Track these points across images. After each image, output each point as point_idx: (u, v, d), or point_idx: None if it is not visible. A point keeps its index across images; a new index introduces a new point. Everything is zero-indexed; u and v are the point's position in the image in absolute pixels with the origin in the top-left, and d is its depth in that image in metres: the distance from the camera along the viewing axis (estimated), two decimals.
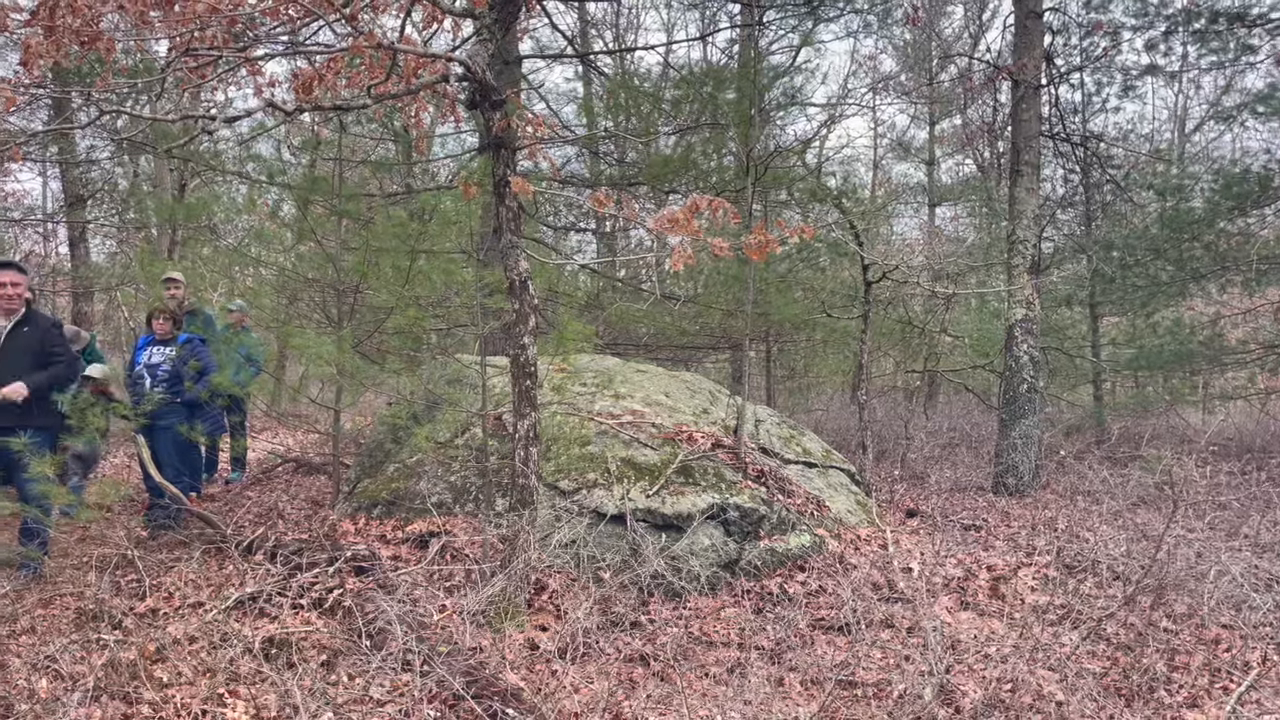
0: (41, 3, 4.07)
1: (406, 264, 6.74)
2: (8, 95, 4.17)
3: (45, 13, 4.04)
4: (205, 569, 5.76)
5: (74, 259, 13.68)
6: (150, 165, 14.87)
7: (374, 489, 6.78)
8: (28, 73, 4.06)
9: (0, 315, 6.11)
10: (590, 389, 7.11)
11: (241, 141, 9.70)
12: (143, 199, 15.69)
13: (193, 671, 4.22)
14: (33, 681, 4.08)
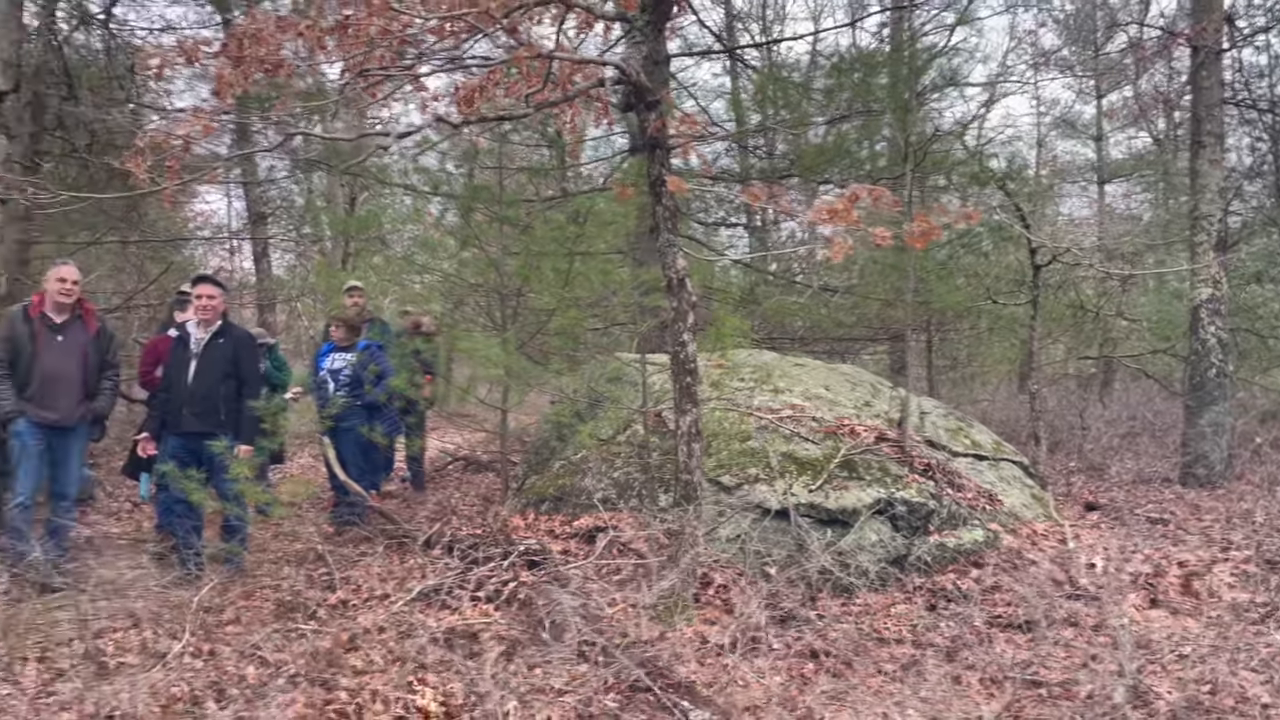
0: (231, 35, 4.36)
1: (566, 266, 6.90)
2: (205, 123, 4.51)
3: (234, 45, 4.34)
4: (388, 563, 6.06)
5: (258, 273, 14.67)
6: (323, 182, 15.77)
7: (541, 485, 6.98)
8: (220, 101, 4.37)
9: (199, 327, 6.62)
10: (748, 384, 7.11)
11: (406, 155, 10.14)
12: (317, 214, 16.65)
13: (384, 660, 4.46)
14: (241, 668, 4.39)
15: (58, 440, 6.50)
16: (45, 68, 8.69)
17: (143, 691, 4.04)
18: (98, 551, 7.12)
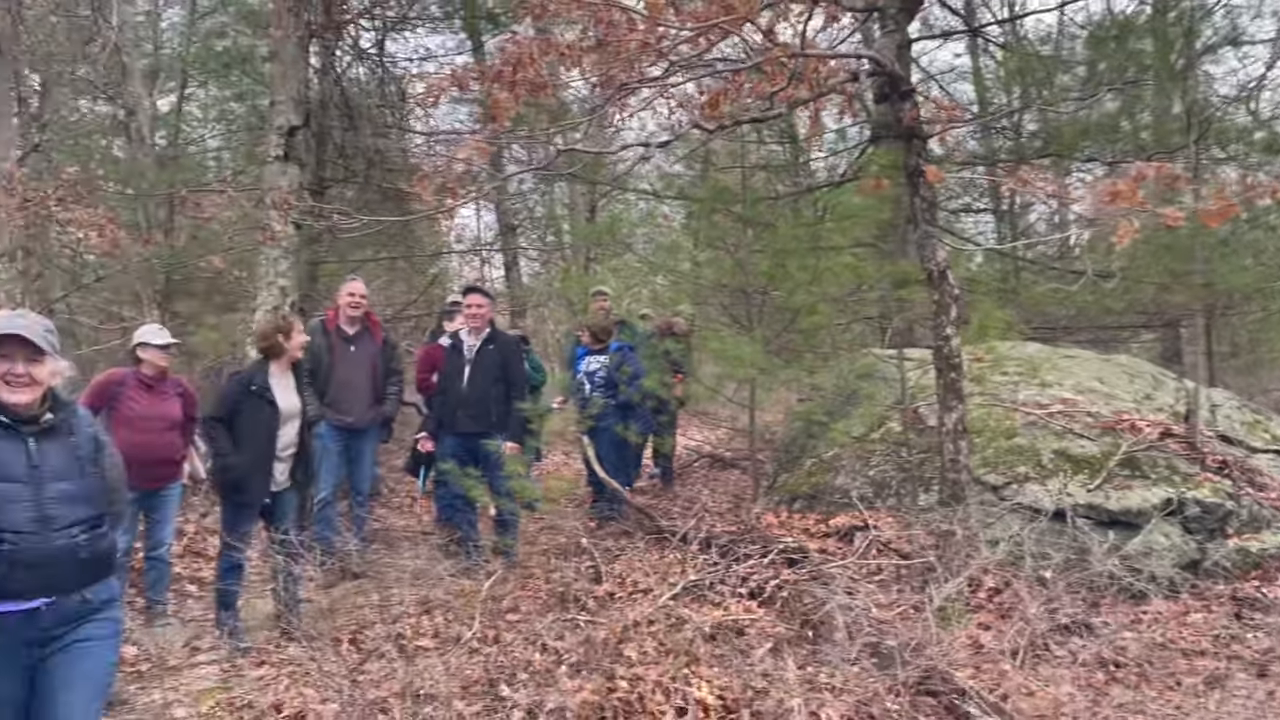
0: (504, 62, 4.65)
1: (812, 263, 6.86)
2: (481, 146, 4.83)
3: (508, 70, 4.61)
4: (649, 557, 6.24)
5: (509, 281, 15.53)
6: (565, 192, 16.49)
7: (793, 483, 6.97)
8: (498, 124, 4.66)
9: (469, 334, 7.09)
10: (1013, 378, 6.78)
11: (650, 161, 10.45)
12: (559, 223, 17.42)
13: (656, 651, 4.61)
14: (527, 654, 4.67)
15: (353, 441, 7.19)
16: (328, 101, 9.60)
17: (443, 673, 4.37)
18: (388, 542, 7.78)
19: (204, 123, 14.93)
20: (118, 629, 3.18)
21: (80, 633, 3.01)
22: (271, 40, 8.41)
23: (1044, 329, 9.09)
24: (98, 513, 3.05)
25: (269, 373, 5.65)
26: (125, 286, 10.50)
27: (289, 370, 5.74)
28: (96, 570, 3.05)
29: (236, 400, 5.54)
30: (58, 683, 2.95)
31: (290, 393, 5.70)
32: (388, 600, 5.80)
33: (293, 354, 5.73)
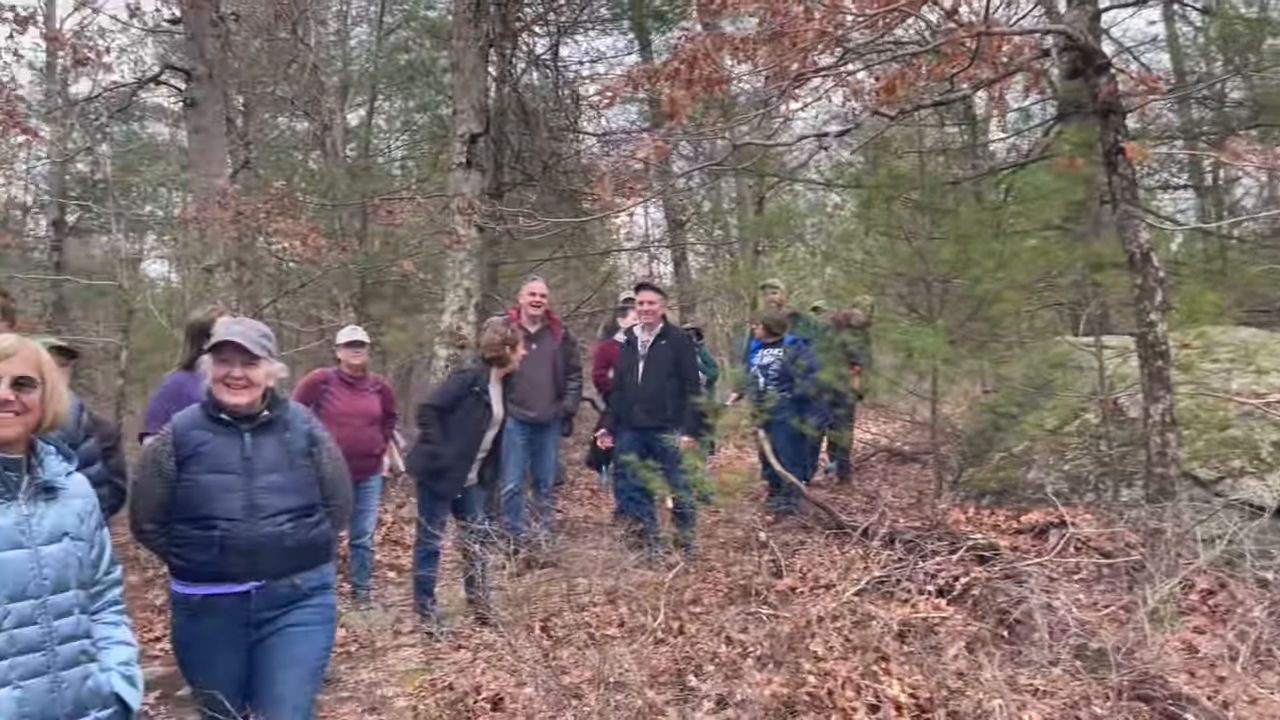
0: (680, 60, 4.69)
1: (998, 247, 6.59)
2: (659, 145, 4.89)
3: (685, 68, 4.65)
4: (829, 552, 6.16)
5: (677, 276, 15.66)
6: (731, 186, 16.48)
7: (981, 478, 6.73)
8: (675, 122, 4.70)
9: (643, 330, 7.20)
10: (1225, 365, 6.30)
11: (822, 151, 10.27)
12: (724, 217, 17.43)
13: (842, 647, 4.55)
14: (713, 646, 4.70)
15: (536, 435, 7.44)
16: (505, 108, 9.95)
17: (632, 662, 4.46)
18: (571, 533, 8.00)
19: (389, 134, 15.77)
20: (330, 615, 3.36)
21: (293, 617, 3.22)
22: (453, 51, 8.79)
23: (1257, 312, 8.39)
24: (307, 503, 3.25)
25: (489, 378, 5.97)
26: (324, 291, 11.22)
27: (501, 381, 6.02)
28: (304, 557, 3.24)
29: (458, 396, 5.88)
30: (274, 663, 3.17)
31: (500, 401, 6.00)
32: (574, 589, 5.98)
33: (513, 365, 6.02)
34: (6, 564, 2.33)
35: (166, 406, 4.84)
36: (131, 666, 2.61)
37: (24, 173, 15.80)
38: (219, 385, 3.17)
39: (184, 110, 9.51)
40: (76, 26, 14.63)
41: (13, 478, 2.40)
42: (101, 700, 2.50)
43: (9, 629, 2.31)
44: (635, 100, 10.60)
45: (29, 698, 2.32)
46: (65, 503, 2.49)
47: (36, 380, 2.42)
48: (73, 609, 2.45)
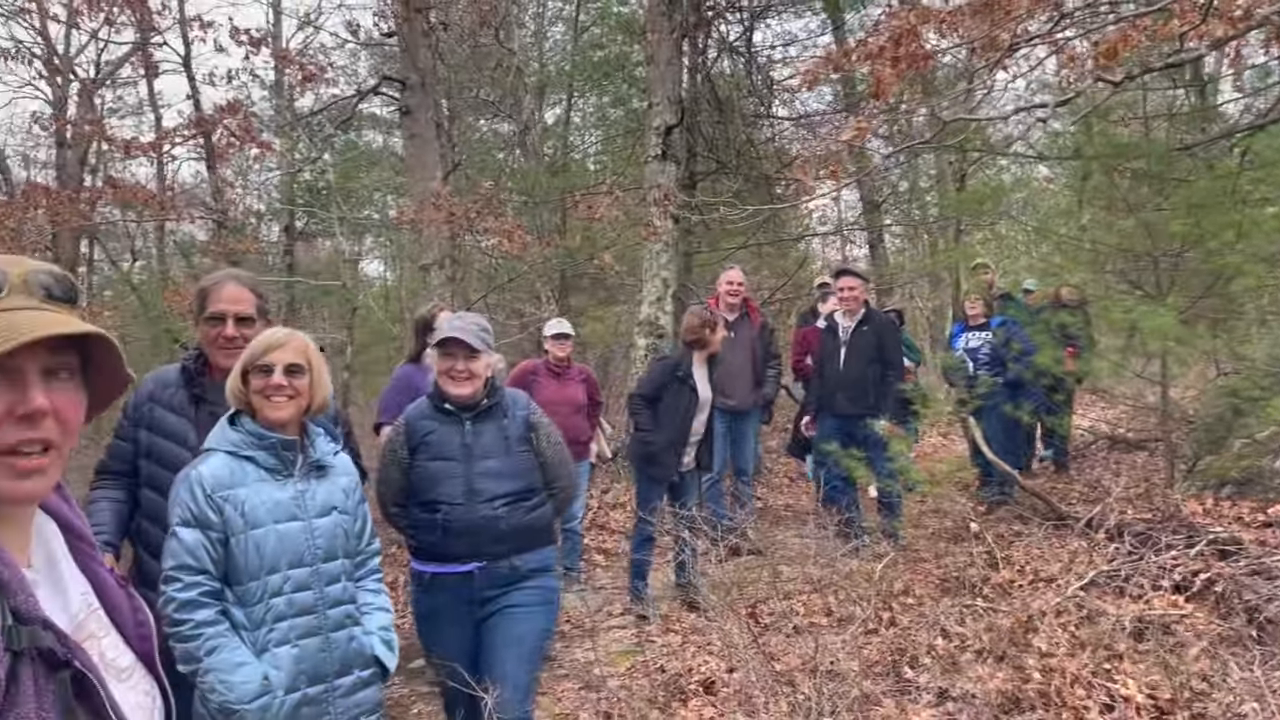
0: (886, 38, 4.57)
1: (1236, 217, 6.05)
2: (862, 126, 4.78)
3: (891, 45, 4.53)
4: (1049, 544, 5.87)
5: (874, 259, 15.28)
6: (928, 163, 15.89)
7: (1219, 466, 6.23)
8: (881, 101, 4.59)
9: (844, 315, 7.07)
10: None
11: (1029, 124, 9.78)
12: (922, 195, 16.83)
13: (1068, 644, 4.33)
14: (929, 638, 4.59)
15: (735, 423, 7.46)
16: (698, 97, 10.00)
17: (844, 651, 4.41)
18: (772, 520, 7.99)
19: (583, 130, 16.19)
20: (550, 596, 3.49)
21: (514, 598, 3.36)
22: (647, 45, 8.92)
23: None
24: (525, 487, 3.40)
25: (692, 362, 6.05)
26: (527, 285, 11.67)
27: (706, 363, 6.11)
28: (522, 540, 3.37)
29: (663, 383, 6.03)
30: (497, 642, 3.33)
31: (706, 383, 6.08)
32: (779, 577, 5.97)
33: (713, 347, 6.10)
34: (286, 534, 2.61)
35: (398, 398, 5.19)
36: (389, 631, 2.86)
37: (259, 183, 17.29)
38: (444, 377, 3.37)
39: (400, 118, 10.11)
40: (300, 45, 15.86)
41: (289, 456, 2.68)
42: (364, 660, 2.75)
43: (288, 593, 2.61)
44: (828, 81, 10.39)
45: (305, 655, 2.60)
46: (333, 480, 2.77)
47: (305, 367, 2.69)
48: (340, 576, 2.73)
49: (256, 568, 2.56)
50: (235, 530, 2.56)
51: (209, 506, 2.55)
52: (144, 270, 16.29)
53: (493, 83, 12.71)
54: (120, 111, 17.93)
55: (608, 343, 12.94)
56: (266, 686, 2.50)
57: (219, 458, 2.62)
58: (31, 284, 1.14)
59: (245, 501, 2.58)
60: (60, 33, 15.80)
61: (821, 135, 7.90)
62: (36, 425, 1.10)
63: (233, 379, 2.68)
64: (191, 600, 2.49)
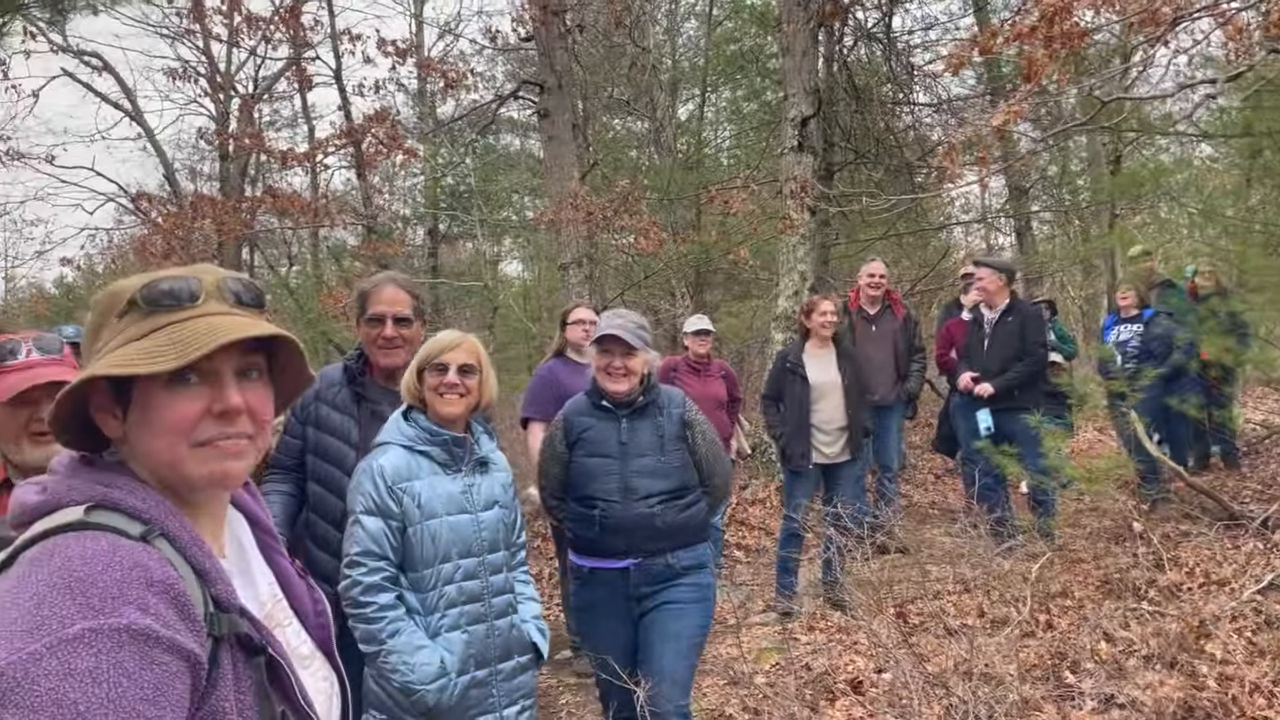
0: (1040, 16, 4.38)
1: None
2: (1016, 110, 4.60)
3: (1044, 25, 4.34)
4: (1220, 546, 5.54)
5: (1021, 248, 14.69)
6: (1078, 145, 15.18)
7: None
8: (1033, 84, 4.41)
9: (986, 307, 6.85)
10: None
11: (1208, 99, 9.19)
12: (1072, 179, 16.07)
13: (1245, 651, 4.08)
14: (1091, 642, 4.38)
15: (879, 418, 7.29)
16: (835, 87, 9.84)
17: (998, 654, 4.27)
18: (918, 518, 7.80)
19: (715, 124, 16.14)
20: (705, 593, 3.49)
21: (669, 594, 3.38)
22: (782, 36, 8.82)
23: None
24: (679, 485, 3.41)
25: (804, 350, 6.03)
26: (662, 281, 11.74)
27: (827, 345, 6.01)
28: (677, 537, 3.39)
29: (777, 377, 6.04)
30: (654, 637, 3.36)
31: (826, 367, 5.99)
32: (927, 576, 5.82)
33: (818, 330, 6.00)
34: (456, 526, 2.77)
35: (542, 394, 5.32)
36: (541, 620, 3.00)
37: (404, 188, 17.97)
38: (601, 374, 3.43)
39: (538, 121, 10.33)
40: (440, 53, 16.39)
41: (459, 452, 2.83)
42: (522, 646, 2.90)
43: (459, 581, 2.76)
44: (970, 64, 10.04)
45: (473, 640, 2.75)
46: (494, 475, 2.93)
47: (476, 368, 2.84)
48: (502, 567, 2.88)
49: (431, 556, 2.72)
50: (412, 520, 2.72)
51: (390, 497, 2.71)
52: (299, 274, 17.11)
53: (627, 81, 12.81)
54: (276, 124, 18.91)
55: (744, 338, 12.88)
56: (443, 669, 2.64)
57: (396, 451, 2.77)
58: (223, 290, 1.23)
59: (421, 494, 2.74)
60: (221, 51, 16.86)
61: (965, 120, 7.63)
62: (233, 421, 1.18)
63: (409, 376, 2.83)
64: (375, 584, 2.65)
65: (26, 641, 0.95)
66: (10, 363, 2.11)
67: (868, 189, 7.44)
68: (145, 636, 1.00)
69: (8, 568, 1.06)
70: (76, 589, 0.99)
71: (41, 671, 0.94)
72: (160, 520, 1.13)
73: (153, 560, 1.07)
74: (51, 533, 1.06)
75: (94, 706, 0.94)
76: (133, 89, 17.16)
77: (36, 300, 17.46)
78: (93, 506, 1.10)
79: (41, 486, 1.13)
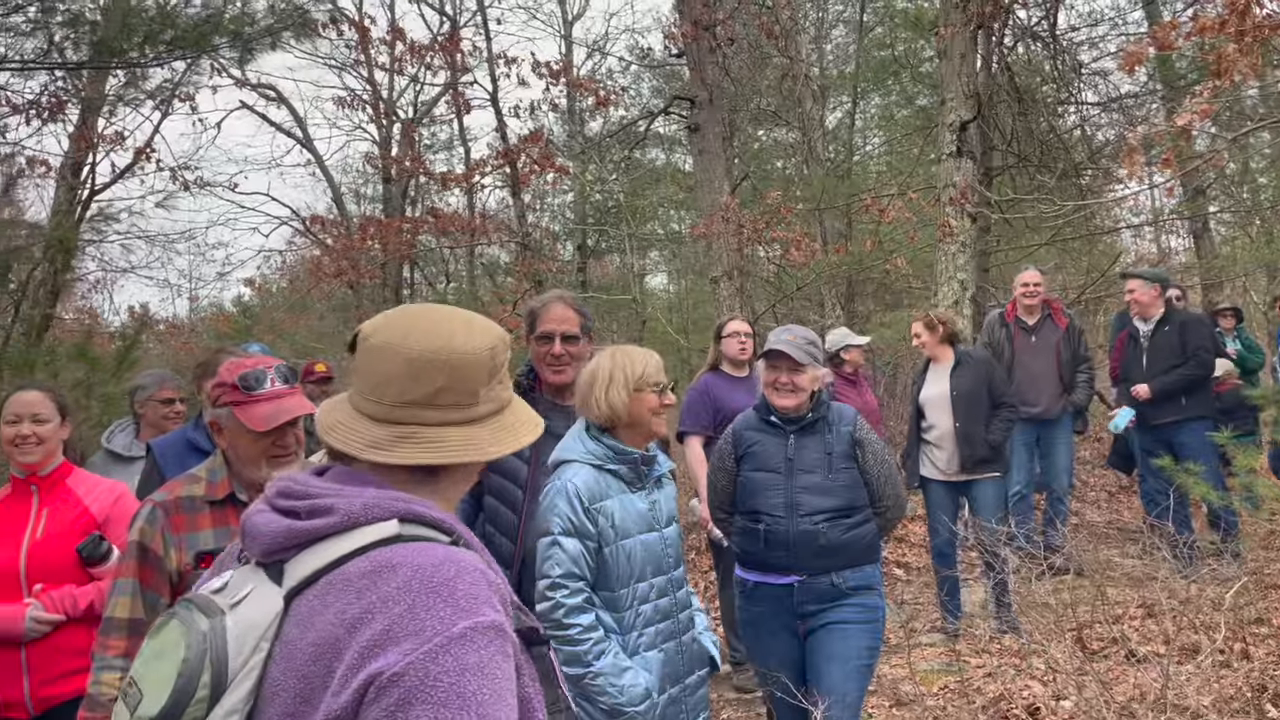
0: (1231, 8, 4.12)
1: None
2: (1204, 108, 4.34)
3: (1234, 17, 4.08)
4: None
5: (1198, 251, 13.80)
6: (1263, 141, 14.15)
7: None
8: (1224, 82, 4.15)
9: (1139, 319, 6.53)
10: None
11: None
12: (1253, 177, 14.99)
13: None
14: None
15: (1043, 432, 7.00)
16: (995, 89, 9.51)
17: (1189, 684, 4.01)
18: (1093, 538, 7.42)
19: (863, 131, 15.86)
20: (874, 615, 3.41)
21: (836, 614, 3.33)
22: (939, 39, 8.59)
23: None
24: (845, 504, 3.35)
25: (926, 368, 6.03)
26: (812, 293, 11.59)
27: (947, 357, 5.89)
28: (842, 557, 3.33)
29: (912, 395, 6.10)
30: (819, 658, 3.32)
31: (939, 380, 5.88)
32: (1105, 599, 5.52)
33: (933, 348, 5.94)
34: (647, 544, 2.80)
35: (698, 407, 5.34)
36: (709, 633, 2.99)
37: (554, 205, 18.40)
38: (769, 389, 3.43)
39: (688, 135, 10.40)
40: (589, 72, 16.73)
41: (645, 470, 2.87)
42: (702, 660, 2.91)
43: (654, 599, 2.79)
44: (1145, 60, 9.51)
45: (668, 658, 2.78)
46: (667, 491, 2.96)
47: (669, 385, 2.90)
48: (683, 582, 2.91)
49: (626, 575, 2.73)
50: (608, 540, 2.72)
51: (587, 517, 2.69)
52: (455, 291, 17.71)
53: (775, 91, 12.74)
54: (434, 147, 19.67)
55: (896, 350, 12.57)
56: (649, 690, 2.64)
57: (587, 470, 2.75)
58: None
59: (615, 513, 2.74)
60: (383, 79, 17.68)
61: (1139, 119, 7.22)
62: None
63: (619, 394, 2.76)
64: (578, 605, 2.63)
65: (417, 644, 1.04)
66: (259, 391, 2.29)
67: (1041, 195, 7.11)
68: (502, 632, 1.10)
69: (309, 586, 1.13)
70: (443, 592, 1.08)
71: (440, 669, 1.03)
72: (458, 530, 1.22)
73: (480, 564, 1.16)
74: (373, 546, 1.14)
75: (487, 698, 1.04)
76: (304, 118, 18.19)
77: (217, 318, 18.67)
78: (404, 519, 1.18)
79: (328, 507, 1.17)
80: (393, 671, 1.02)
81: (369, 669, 1.03)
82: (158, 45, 6.48)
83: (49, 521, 2.94)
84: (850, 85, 13.59)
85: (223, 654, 1.09)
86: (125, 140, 9.89)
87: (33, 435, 2.95)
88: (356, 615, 1.07)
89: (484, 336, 1.28)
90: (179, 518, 2.31)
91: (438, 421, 1.23)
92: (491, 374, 1.27)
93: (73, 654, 2.77)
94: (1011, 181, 10.32)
